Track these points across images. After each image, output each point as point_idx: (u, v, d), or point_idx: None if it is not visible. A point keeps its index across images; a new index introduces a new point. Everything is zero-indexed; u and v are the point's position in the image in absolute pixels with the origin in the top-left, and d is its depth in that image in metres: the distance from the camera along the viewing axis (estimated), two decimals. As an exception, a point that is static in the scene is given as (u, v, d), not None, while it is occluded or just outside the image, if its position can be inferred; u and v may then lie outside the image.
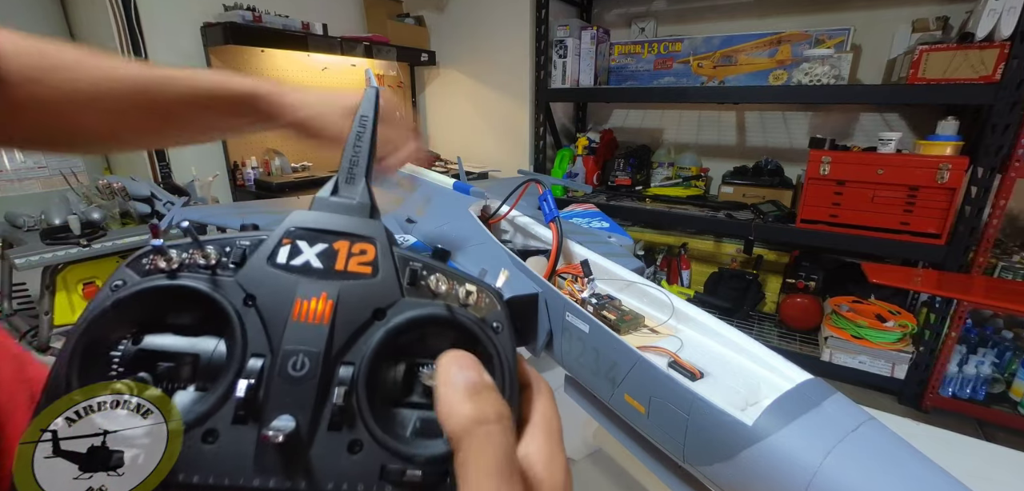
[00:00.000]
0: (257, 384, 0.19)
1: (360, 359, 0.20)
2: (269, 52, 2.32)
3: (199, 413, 0.19)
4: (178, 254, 0.21)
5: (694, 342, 0.47)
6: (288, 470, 0.19)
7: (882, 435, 0.33)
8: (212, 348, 0.20)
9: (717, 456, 0.36)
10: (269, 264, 0.21)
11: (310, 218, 0.22)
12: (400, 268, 0.22)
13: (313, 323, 0.20)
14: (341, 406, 0.19)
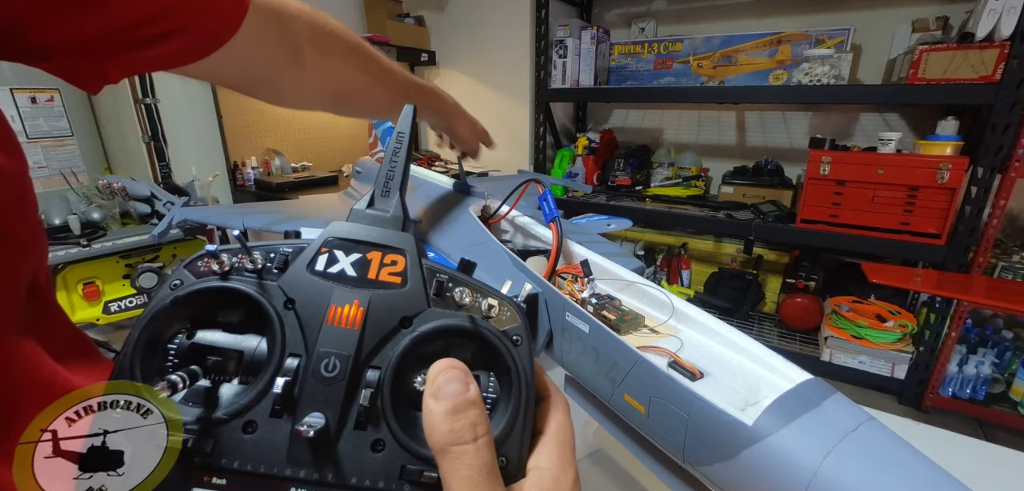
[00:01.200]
0: (293, 382, 0.21)
1: (386, 364, 0.22)
2: (269, 52, 2.32)
3: (241, 405, 0.20)
4: (229, 258, 0.23)
5: (694, 342, 0.47)
6: (317, 463, 0.20)
7: (882, 435, 0.33)
8: (255, 345, 0.22)
9: (717, 456, 0.36)
10: (308, 270, 0.23)
11: (346, 229, 0.23)
12: (428, 279, 0.23)
13: (345, 328, 0.22)
14: (367, 407, 0.21)
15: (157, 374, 0.21)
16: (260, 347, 0.22)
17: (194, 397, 0.20)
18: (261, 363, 0.22)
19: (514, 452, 0.22)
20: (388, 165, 0.26)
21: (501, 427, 0.22)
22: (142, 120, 1.93)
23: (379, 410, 0.21)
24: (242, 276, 0.22)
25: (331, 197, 1.76)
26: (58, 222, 1.55)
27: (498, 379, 0.23)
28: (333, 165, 2.68)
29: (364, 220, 0.24)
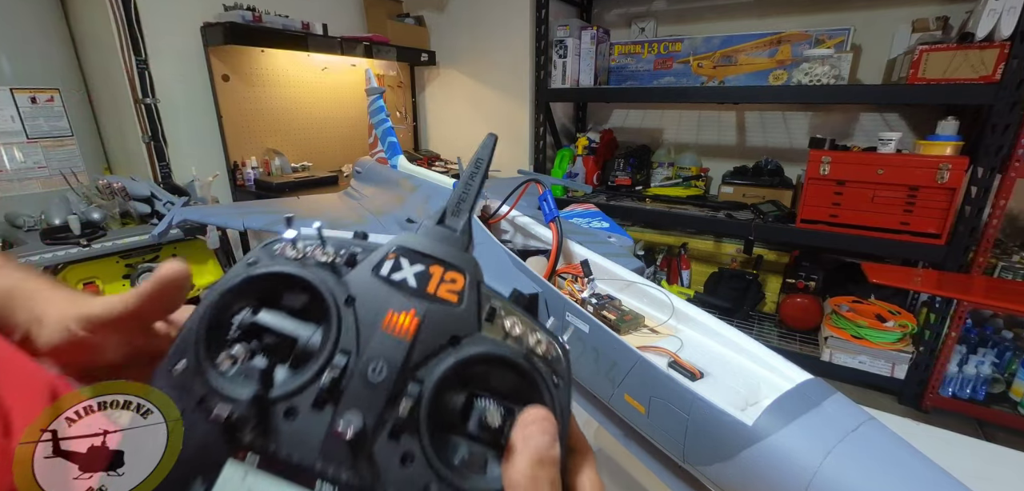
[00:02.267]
0: (339, 378, 0.21)
1: (429, 378, 0.22)
2: (269, 52, 2.32)
3: (287, 391, 0.21)
4: (303, 246, 0.24)
5: (694, 342, 0.47)
6: (347, 463, 0.20)
7: (882, 435, 0.33)
8: (309, 335, 0.23)
9: (717, 456, 0.36)
10: (373, 273, 0.23)
11: (415, 240, 0.24)
12: (483, 303, 0.24)
13: (398, 336, 0.22)
14: (404, 419, 0.21)
15: (217, 345, 0.22)
16: (314, 338, 0.23)
17: (249, 373, 0.21)
18: (313, 353, 0.22)
19: None
20: (463, 187, 0.26)
21: None
22: (142, 120, 1.94)
23: (416, 423, 0.21)
24: (313, 266, 0.23)
25: (331, 197, 1.76)
26: (58, 222, 1.55)
27: None
28: (333, 165, 2.68)
29: (432, 235, 0.25)
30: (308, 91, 2.57)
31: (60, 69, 1.93)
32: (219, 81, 2.16)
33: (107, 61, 1.90)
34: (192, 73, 2.08)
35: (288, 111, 2.51)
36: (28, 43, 1.82)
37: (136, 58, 1.87)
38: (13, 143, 1.80)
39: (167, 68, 1.99)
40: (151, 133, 1.96)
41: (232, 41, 1.98)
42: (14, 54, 1.78)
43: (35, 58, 1.84)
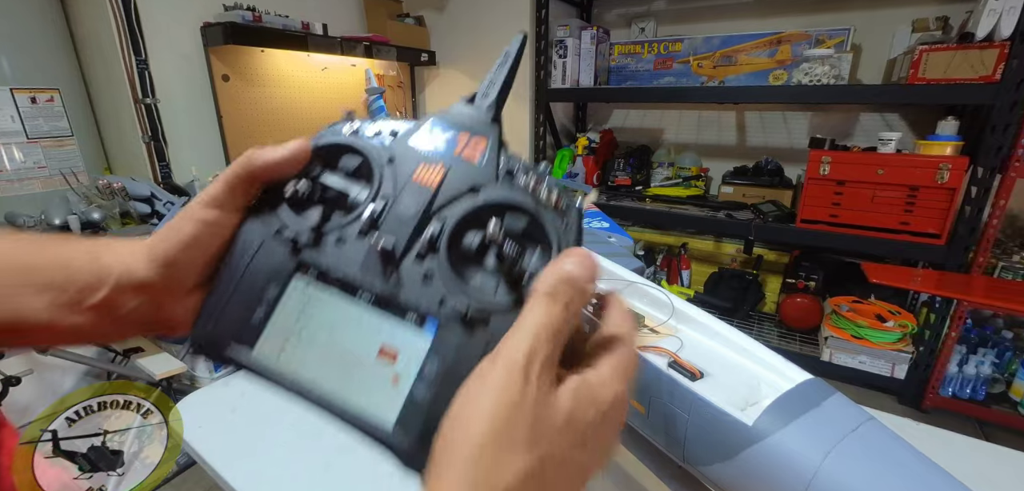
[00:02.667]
0: (378, 215, 0.27)
1: (450, 215, 0.27)
2: (269, 52, 2.32)
3: (339, 223, 0.28)
4: (360, 122, 0.30)
5: (694, 342, 0.47)
6: (380, 276, 0.26)
7: (882, 435, 0.33)
8: (358, 191, 0.29)
9: (717, 456, 0.36)
10: (411, 141, 0.29)
11: (446, 115, 0.30)
12: (502, 164, 0.28)
13: (425, 185, 0.28)
14: (427, 243, 0.26)
15: (294, 198, 0.28)
16: (362, 193, 0.29)
17: (311, 215, 0.28)
18: (359, 203, 0.28)
19: None
20: (491, 75, 0.32)
21: (533, 261, 0.26)
22: (142, 120, 1.93)
23: (437, 248, 0.26)
24: (363, 139, 0.30)
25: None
26: (58, 222, 1.55)
27: (541, 254, 0.27)
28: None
29: (462, 112, 0.30)
30: (308, 91, 2.57)
31: (60, 69, 1.92)
32: (219, 81, 2.16)
33: (107, 61, 1.90)
34: (192, 73, 2.08)
35: (288, 111, 2.51)
36: (28, 43, 1.82)
37: (136, 58, 1.87)
38: (13, 143, 1.80)
39: (167, 68, 1.98)
40: (151, 133, 1.96)
41: (232, 41, 1.98)
42: (14, 54, 1.78)
43: (35, 58, 1.84)
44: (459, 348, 0.24)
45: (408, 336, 0.25)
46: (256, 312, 0.26)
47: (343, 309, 0.26)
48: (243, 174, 0.28)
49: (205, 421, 0.73)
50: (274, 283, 0.26)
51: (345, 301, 0.26)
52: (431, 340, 0.25)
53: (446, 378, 0.24)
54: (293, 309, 0.26)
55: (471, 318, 0.24)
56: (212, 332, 0.26)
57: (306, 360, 0.25)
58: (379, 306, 0.26)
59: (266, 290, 0.26)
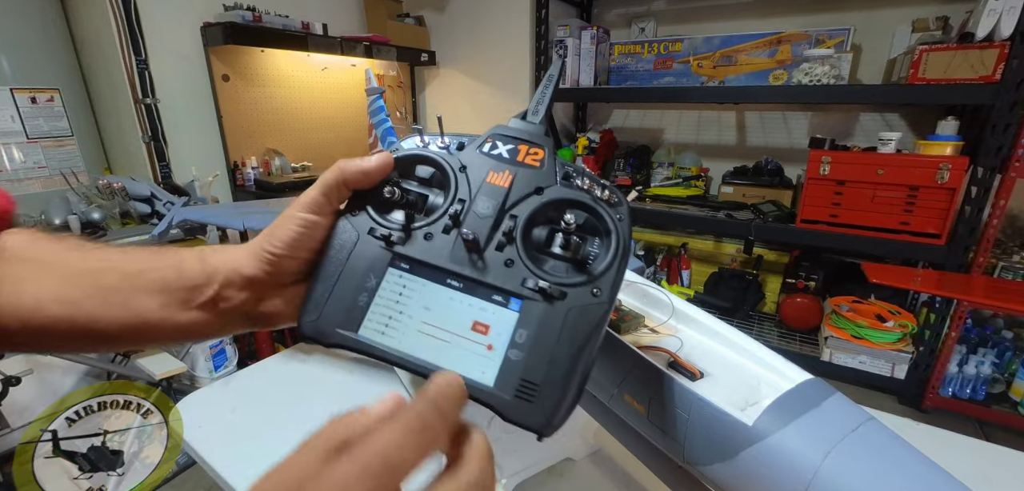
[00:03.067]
0: (459, 213, 0.32)
1: (521, 212, 0.32)
2: (269, 52, 2.32)
3: (426, 222, 0.32)
4: (429, 137, 0.35)
5: (694, 342, 0.47)
6: (469, 263, 0.31)
7: (882, 435, 0.33)
8: (436, 194, 0.34)
9: (717, 456, 0.36)
10: (478, 150, 0.34)
11: (505, 128, 0.35)
12: (558, 168, 0.33)
13: (498, 186, 0.33)
14: (505, 234, 0.31)
15: (378, 199, 0.33)
16: (438, 197, 0.34)
17: (399, 216, 0.33)
18: (437, 207, 0.33)
19: (606, 288, 0.30)
20: (540, 95, 0.37)
21: (599, 269, 0.31)
22: (142, 120, 1.94)
23: (514, 239, 0.31)
24: (435, 150, 0.35)
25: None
26: (58, 222, 1.55)
27: (600, 241, 0.32)
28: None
29: (518, 126, 0.35)
30: (308, 91, 2.57)
31: (60, 69, 1.93)
32: (219, 81, 2.16)
33: (107, 61, 1.90)
34: (192, 73, 2.08)
35: (288, 111, 2.51)
36: (28, 43, 1.82)
37: (136, 58, 1.87)
38: (13, 143, 1.80)
39: (167, 68, 1.99)
40: (151, 133, 1.96)
41: (232, 41, 1.98)
42: (14, 54, 1.78)
43: (35, 58, 1.84)
44: (543, 318, 0.29)
45: (497, 312, 0.30)
46: (359, 299, 0.30)
47: (436, 293, 0.30)
48: (337, 182, 0.32)
49: (205, 421, 0.73)
50: (373, 274, 0.31)
51: (437, 286, 0.31)
52: (518, 314, 0.29)
53: (536, 342, 0.29)
54: (391, 295, 0.30)
55: (551, 293, 0.29)
56: (319, 321, 0.30)
57: (407, 337, 0.29)
58: (467, 290, 0.30)
59: (366, 280, 0.31)
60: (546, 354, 0.28)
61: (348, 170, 0.32)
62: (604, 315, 0.30)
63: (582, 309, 0.29)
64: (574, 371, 0.28)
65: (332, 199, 0.32)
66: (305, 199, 0.32)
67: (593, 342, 0.29)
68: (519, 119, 0.36)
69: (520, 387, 0.28)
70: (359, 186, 0.33)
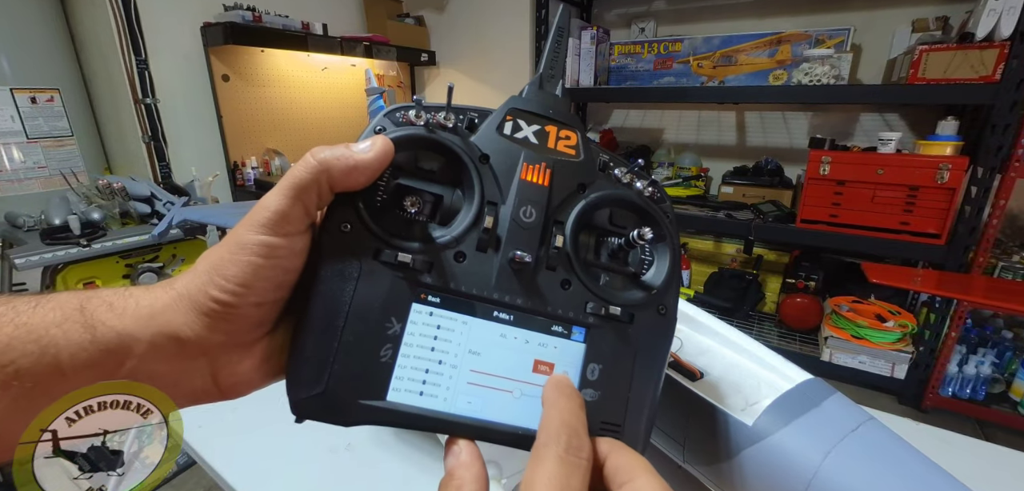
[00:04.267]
0: (496, 221, 0.24)
1: (568, 218, 0.26)
2: (269, 52, 2.32)
3: (453, 236, 0.24)
4: (426, 114, 0.25)
5: (694, 342, 0.47)
6: (521, 291, 0.24)
7: (882, 435, 0.33)
8: (451, 194, 0.25)
9: (717, 456, 0.36)
10: (498, 133, 0.26)
11: (525, 103, 0.27)
12: (594, 155, 0.27)
13: (537, 183, 0.25)
14: (558, 249, 0.25)
15: (374, 206, 0.24)
16: (456, 196, 0.25)
17: (409, 229, 0.24)
18: (457, 211, 0.25)
19: (672, 302, 0.27)
20: (552, 55, 0.28)
21: (661, 281, 0.27)
22: (142, 120, 1.94)
23: (566, 256, 0.25)
24: (438, 132, 0.25)
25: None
26: (58, 222, 1.55)
27: (652, 246, 0.28)
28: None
29: (538, 98, 0.27)
30: (308, 91, 2.57)
31: (60, 69, 1.92)
32: (219, 81, 2.16)
33: (107, 61, 1.90)
34: (192, 73, 2.08)
35: (288, 111, 2.51)
36: (28, 43, 1.82)
37: (136, 58, 1.87)
38: (13, 143, 1.80)
39: (167, 68, 1.98)
40: (151, 133, 1.96)
41: (232, 41, 1.98)
42: (14, 54, 1.78)
43: (35, 58, 1.84)
44: (614, 347, 0.25)
45: (560, 346, 0.25)
46: (380, 353, 0.22)
47: (482, 330, 0.24)
48: (316, 182, 0.22)
49: (205, 421, 0.73)
50: (393, 315, 0.23)
51: (483, 322, 0.24)
52: (584, 345, 0.25)
53: (611, 378, 0.25)
54: (423, 341, 0.23)
55: (620, 318, 0.25)
56: (327, 393, 0.22)
57: (456, 394, 0.23)
58: (520, 323, 0.24)
59: (384, 324, 0.23)
60: (623, 389, 0.25)
61: (334, 165, 0.22)
62: (672, 332, 0.26)
63: (652, 332, 0.26)
64: (654, 402, 0.25)
65: (309, 208, 0.22)
66: (265, 213, 0.21)
67: (664, 362, 0.26)
68: (535, 87, 0.27)
69: (602, 430, 0.24)
70: (349, 187, 0.23)
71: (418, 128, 0.25)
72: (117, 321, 0.20)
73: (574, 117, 0.27)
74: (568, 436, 0.20)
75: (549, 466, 0.19)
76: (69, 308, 0.20)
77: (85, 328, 0.19)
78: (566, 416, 0.21)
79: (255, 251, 0.21)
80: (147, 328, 0.20)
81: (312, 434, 0.71)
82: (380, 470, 0.66)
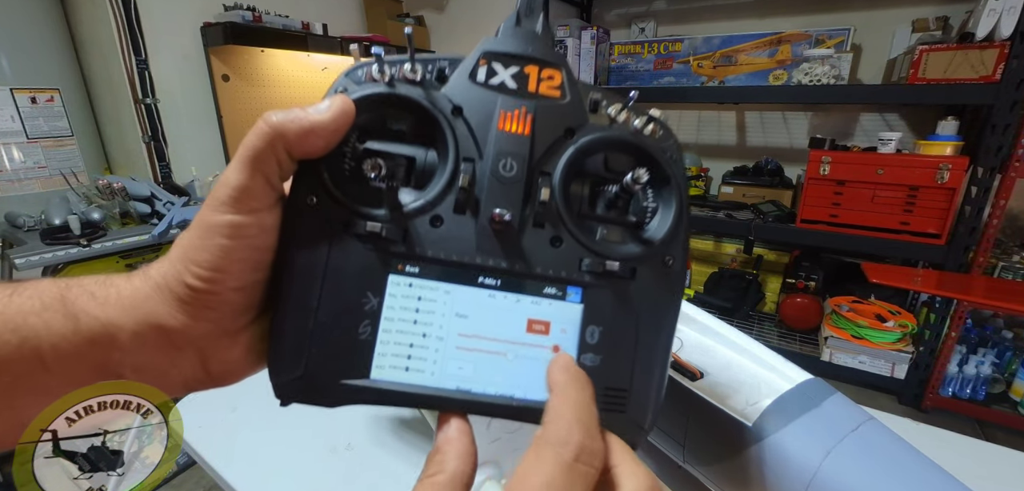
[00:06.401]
0: (473, 179, 0.22)
1: (555, 168, 0.23)
2: (269, 52, 2.32)
3: (428, 199, 0.22)
4: (389, 68, 0.23)
5: (694, 342, 0.47)
6: (505, 253, 0.22)
7: (882, 435, 0.33)
8: (425, 154, 0.24)
9: (717, 456, 0.36)
10: (470, 80, 0.23)
11: (501, 43, 0.24)
12: (583, 94, 0.24)
13: (517, 133, 0.23)
14: (544, 203, 0.23)
15: (340, 174, 0.22)
16: (430, 156, 0.23)
17: (378, 195, 0.23)
18: (432, 172, 0.23)
19: (679, 254, 0.24)
20: None
21: (665, 230, 0.24)
22: (142, 120, 1.94)
23: (555, 210, 0.23)
24: (407, 86, 0.23)
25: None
26: (58, 222, 1.55)
27: (655, 191, 0.25)
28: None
29: (515, 36, 0.24)
30: (308, 91, 2.57)
31: (60, 69, 1.92)
32: (219, 81, 2.16)
33: (107, 61, 1.90)
34: (192, 73, 2.08)
35: (288, 111, 2.50)
36: (28, 43, 1.82)
37: (136, 58, 1.87)
38: (13, 143, 1.80)
39: (167, 68, 1.98)
40: (151, 133, 1.96)
41: (232, 41, 1.98)
42: (14, 54, 1.78)
43: (35, 58, 1.84)
44: (615, 306, 0.23)
45: (553, 307, 0.23)
46: (359, 330, 0.21)
47: (467, 297, 0.22)
48: (268, 149, 0.20)
49: (205, 421, 0.73)
50: (369, 289, 0.22)
51: (466, 288, 0.22)
52: (581, 306, 0.23)
53: (613, 340, 0.23)
54: (404, 314, 0.22)
55: (620, 274, 0.23)
56: (306, 377, 0.21)
57: (443, 365, 0.22)
58: (508, 287, 0.22)
59: (360, 300, 0.21)
60: (628, 351, 0.23)
61: (289, 128, 0.20)
62: (682, 287, 0.24)
63: (657, 285, 0.23)
64: (664, 363, 0.23)
65: (271, 179, 0.20)
66: (226, 190, 0.20)
67: (674, 321, 0.24)
68: (511, 24, 0.24)
69: (607, 398, 0.22)
70: (308, 152, 0.21)
71: (380, 85, 0.23)
72: (100, 311, 0.19)
73: (557, 54, 0.24)
74: (581, 437, 0.18)
75: (550, 468, 0.18)
76: (49, 297, 0.19)
77: (67, 317, 0.19)
78: (580, 411, 0.19)
79: (222, 232, 0.20)
80: (131, 317, 0.19)
81: (312, 433, 0.71)
82: (380, 470, 0.66)
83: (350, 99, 0.21)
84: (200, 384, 0.22)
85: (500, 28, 0.24)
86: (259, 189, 0.20)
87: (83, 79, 2.04)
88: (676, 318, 0.24)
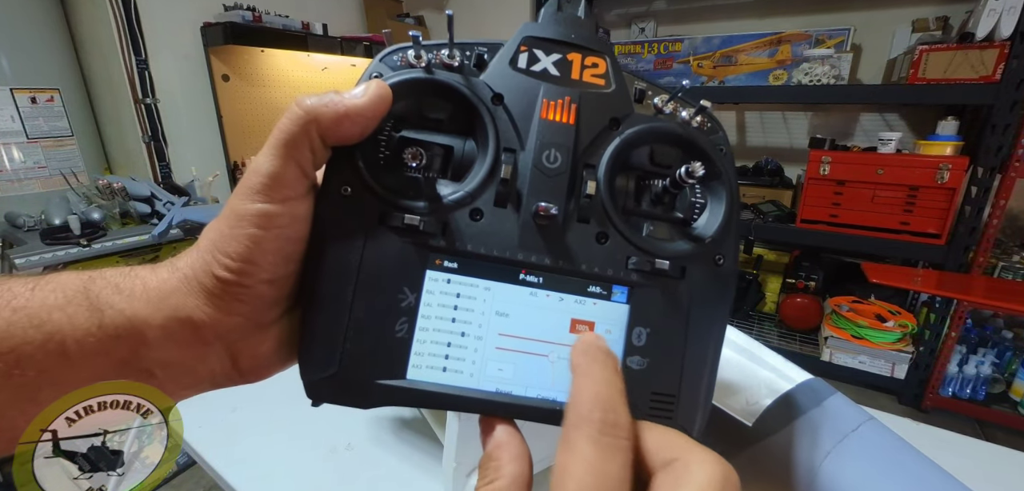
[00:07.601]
0: (515, 171, 0.21)
1: (601, 161, 0.22)
2: (269, 52, 2.32)
3: (467, 191, 0.21)
4: (426, 53, 0.22)
5: (694, 342, 0.47)
6: (549, 249, 0.21)
7: (882, 435, 0.33)
8: (463, 145, 0.22)
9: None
10: (511, 67, 0.22)
11: (542, 28, 0.23)
12: (629, 83, 0.23)
13: (561, 122, 0.22)
14: (590, 197, 0.21)
15: (376, 163, 0.21)
16: (468, 146, 0.22)
17: (417, 187, 0.22)
18: (470, 163, 0.22)
19: (730, 252, 0.23)
20: None
21: (716, 227, 0.23)
22: (142, 120, 1.94)
23: (600, 205, 0.22)
24: (445, 72, 0.22)
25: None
26: (58, 222, 1.55)
27: (704, 186, 0.24)
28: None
29: (558, 21, 0.23)
30: (308, 91, 2.54)
31: (60, 69, 1.92)
32: (219, 81, 2.16)
33: (107, 61, 1.90)
34: (192, 73, 2.08)
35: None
36: (28, 43, 1.82)
37: (136, 58, 1.87)
38: (13, 143, 1.80)
39: (167, 68, 1.99)
40: (151, 133, 1.96)
41: (232, 41, 1.98)
42: (14, 54, 1.78)
43: (35, 58, 1.84)
44: (664, 308, 0.22)
45: (598, 307, 0.22)
46: (395, 327, 0.20)
47: (508, 295, 0.21)
48: (305, 133, 0.19)
49: (205, 421, 0.73)
50: (405, 284, 0.21)
51: (506, 286, 0.21)
52: (627, 306, 0.22)
53: (661, 343, 0.22)
54: (441, 312, 0.21)
55: (669, 273, 0.22)
56: (340, 374, 0.20)
57: (482, 366, 0.21)
58: (550, 285, 0.21)
59: (397, 295, 0.20)
60: (677, 355, 0.22)
61: (323, 113, 0.19)
62: (733, 287, 0.23)
63: (708, 287, 0.22)
64: (713, 368, 0.22)
65: (304, 167, 0.20)
66: (257, 178, 0.19)
67: (725, 324, 0.23)
68: (552, 8, 0.23)
69: (654, 403, 0.21)
70: (343, 139, 0.20)
71: (417, 71, 0.22)
72: (126, 304, 0.19)
73: (602, 40, 0.23)
74: (602, 412, 0.17)
75: (582, 449, 0.17)
76: (71, 290, 0.18)
77: (91, 311, 0.18)
78: (600, 387, 0.18)
79: (253, 222, 0.19)
80: (158, 311, 0.19)
81: (312, 434, 0.71)
82: (380, 470, 0.66)
83: (386, 84, 0.20)
84: (229, 380, 0.21)
85: (541, 12, 0.23)
86: (292, 177, 0.19)
87: (83, 79, 2.04)
88: (727, 321, 0.23)
